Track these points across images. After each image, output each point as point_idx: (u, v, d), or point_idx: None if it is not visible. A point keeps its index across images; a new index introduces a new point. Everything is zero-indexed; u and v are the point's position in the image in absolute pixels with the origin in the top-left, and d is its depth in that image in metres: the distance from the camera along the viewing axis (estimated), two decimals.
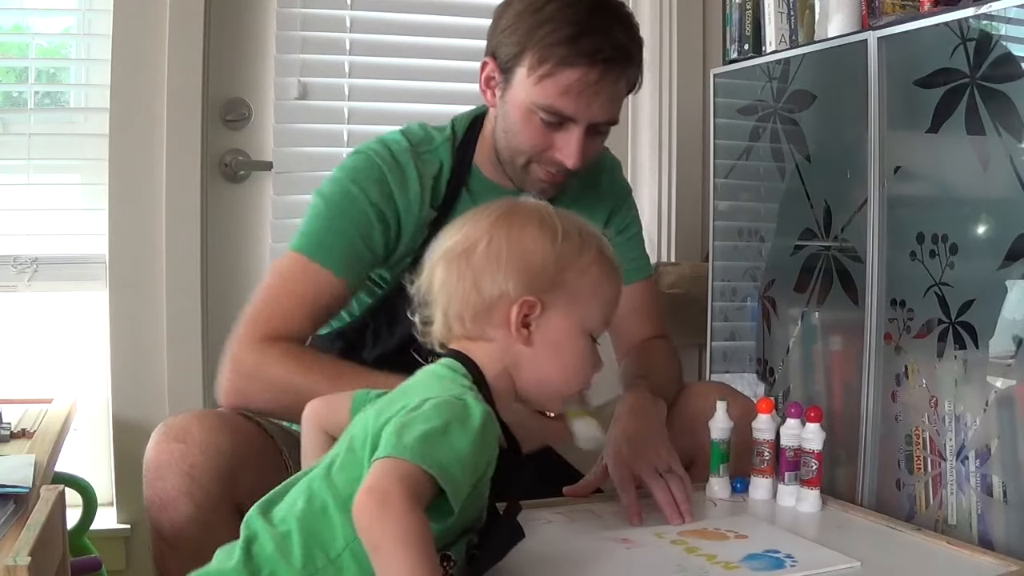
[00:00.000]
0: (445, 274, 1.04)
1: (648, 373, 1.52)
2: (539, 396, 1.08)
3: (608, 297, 1.08)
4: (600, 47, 1.35)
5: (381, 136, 1.52)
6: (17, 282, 2.03)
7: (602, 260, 1.07)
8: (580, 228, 1.07)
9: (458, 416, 0.92)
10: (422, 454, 0.88)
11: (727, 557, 1.14)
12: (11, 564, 0.94)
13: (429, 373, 1.04)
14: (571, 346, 1.05)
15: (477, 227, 1.04)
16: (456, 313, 1.03)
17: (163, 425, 1.28)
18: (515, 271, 1.02)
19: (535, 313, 1.02)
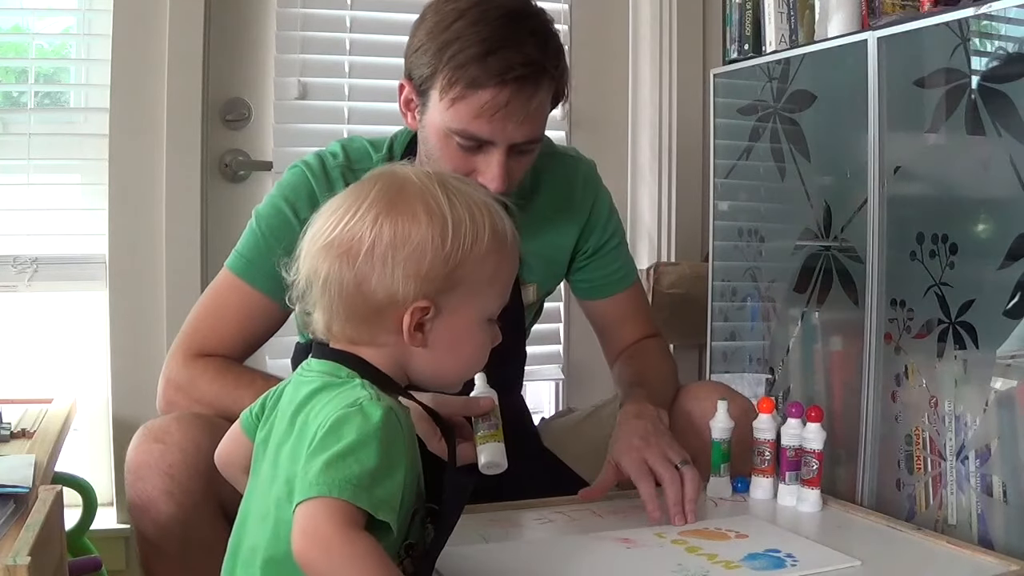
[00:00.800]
0: (327, 272, 0.95)
1: (643, 381, 1.51)
2: (434, 385, 1.03)
3: (506, 279, 1.01)
4: (509, 65, 1.27)
5: (321, 149, 1.49)
6: (17, 282, 2.03)
7: (496, 245, 0.98)
8: (471, 209, 0.97)
9: (356, 427, 0.88)
10: (329, 484, 0.85)
11: (728, 556, 1.15)
12: (11, 564, 0.94)
13: (311, 384, 0.96)
14: (469, 340, 1.00)
15: (358, 221, 0.94)
16: (342, 316, 0.96)
17: (144, 427, 1.29)
18: (403, 276, 0.93)
19: (429, 316, 0.95)
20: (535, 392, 2.40)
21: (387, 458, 0.88)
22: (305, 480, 0.87)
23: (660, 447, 1.32)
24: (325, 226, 0.96)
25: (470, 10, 1.31)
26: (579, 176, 1.58)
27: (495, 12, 1.30)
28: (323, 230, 0.96)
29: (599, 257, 1.59)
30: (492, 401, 1.27)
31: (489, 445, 1.25)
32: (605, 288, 1.61)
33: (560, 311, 2.37)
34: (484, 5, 1.31)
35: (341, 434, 0.88)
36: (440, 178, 0.99)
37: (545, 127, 1.39)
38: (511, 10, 1.32)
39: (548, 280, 1.61)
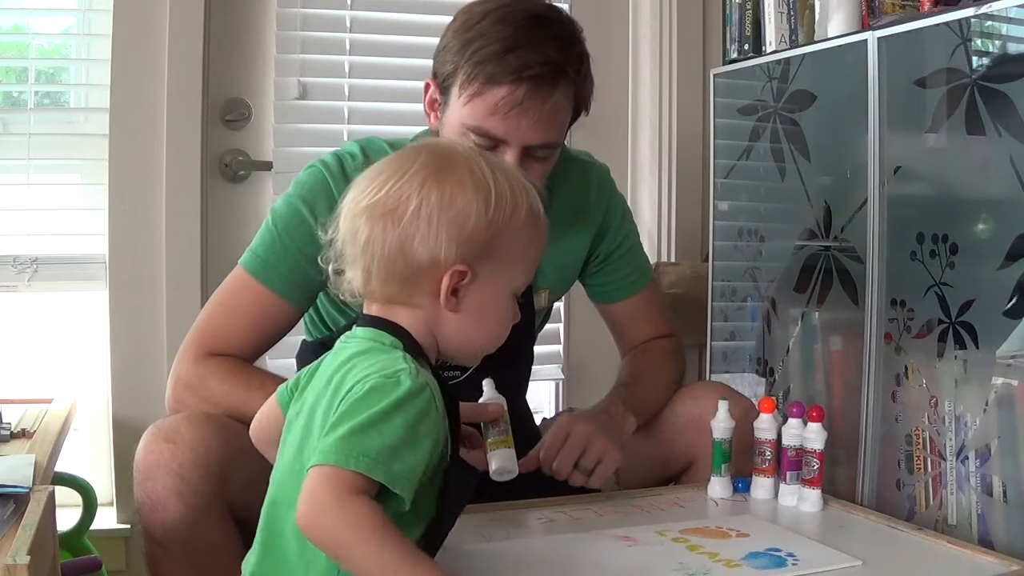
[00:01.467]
0: (369, 232, 0.97)
1: (634, 381, 1.52)
2: (460, 355, 1.06)
3: (535, 257, 1.05)
4: (527, 63, 1.28)
5: (339, 148, 1.49)
6: (17, 282, 2.03)
7: (532, 220, 1.02)
8: (512, 183, 1.01)
9: (388, 398, 0.90)
10: (347, 454, 0.87)
11: (729, 555, 1.15)
12: (11, 563, 0.94)
13: (359, 350, 0.98)
14: (496, 310, 1.03)
15: (406, 184, 0.97)
16: (380, 276, 0.98)
17: (153, 426, 1.28)
18: (448, 238, 0.96)
19: (465, 281, 0.98)
20: (535, 392, 2.40)
21: (412, 432, 0.90)
22: (324, 444, 0.88)
23: (595, 438, 1.33)
24: (369, 188, 0.99)
25: (496, 11, 1.32)
26: (593, 181, 1.58)
27: (521, 14, 1.32)
28: (367, 192, 0.98)
29: (612, 261, 1.59)
30: (501, 407, 1.28)
31: (500, 451, 1.25)
32: (619, 291, 1.61)
33: (560, 311, 2.37)
34: (511, 7, 1.32)
35: (371, 402, 0.90)
36: (484, 152, 1.04)
37: (563, 134, 1.39)
38: (537, 14, 1.33)
39: (561, 285, 1.62)
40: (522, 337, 1.58)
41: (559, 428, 1.34)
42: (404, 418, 0.89)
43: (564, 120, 1.37)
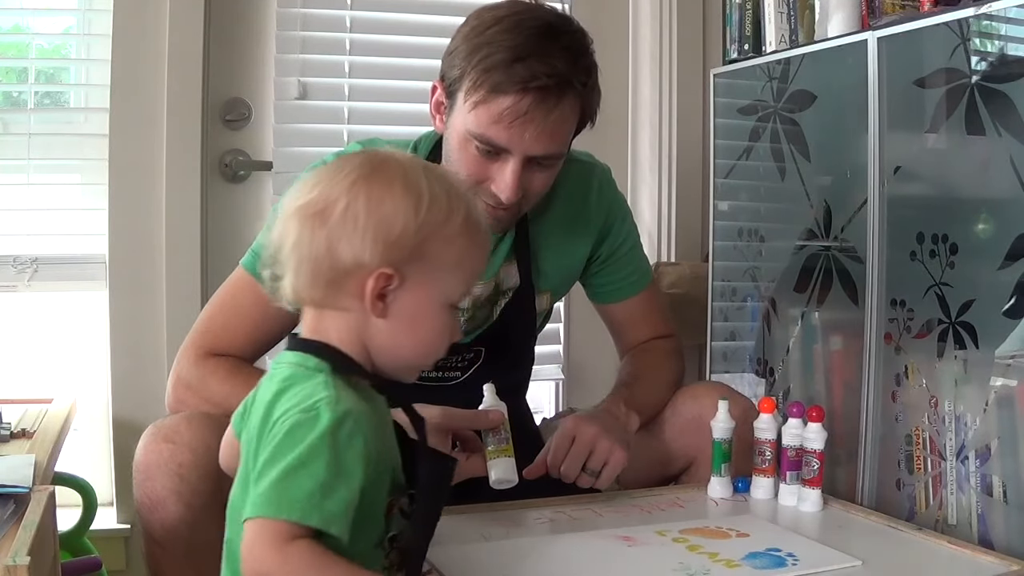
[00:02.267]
0: (298, 233, 0.95)
1: (634, 381, 1.52)
2: (391, 368, 1.00)
3: (473, 267, 1.01)
4: (534, 74, 1.27)
5: (342, 149, 1.48)
6: (17, 282, 2.03)
7: (469, 229, 0.98)
8: (449, 190, 0.98)
9: (310, 435, 0.87)
10: (277, 504, 0.85)
11: (729, 555, 1.15)
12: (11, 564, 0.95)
13: (284, 376, 0.95)
14: (429, 320, 0.98)
15: (335, 185, 0.95)
16: (307, 278, 0.95)
17: (153, 426, 1.29)
18: (373, 240, 0.93)
19: (392, 285, 0.95)
20: (535, 392, 2.40)
21: (340, 465, 0.88)
22: (255, 494, 0.87)
23: (601, 439, 1.32)
24: (302, 190, 0.97)
25: (508, 18, 1.31)
26: (594, 182, 1.58)
27: (531, 23, 1.30)
28: (299, 194, 0.96)
29: (613, 262, 1.59)
30: (502, 415, 1.28)
31: (500, 460, 1.26)
32: (619, 292, 1.61)
33: (560, 311, 2.37)
34: (523, 15, 1.31)
35: (294, 442, 0.87)
36: (425, 163, 1.00)
37: (567, 144, 1.38)
38: (548, 23, 1.32)
39: (562, 287, 1.62)
40: (523, 337, 1.58)
41: (564, 431, 1.34)
42: (329, 453, 0.87)
43: (568, 131, 1.36)
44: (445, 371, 1.52)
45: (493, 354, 1.54)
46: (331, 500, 0.87)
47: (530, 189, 1.37)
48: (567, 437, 1.33)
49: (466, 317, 1.51)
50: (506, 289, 1.53)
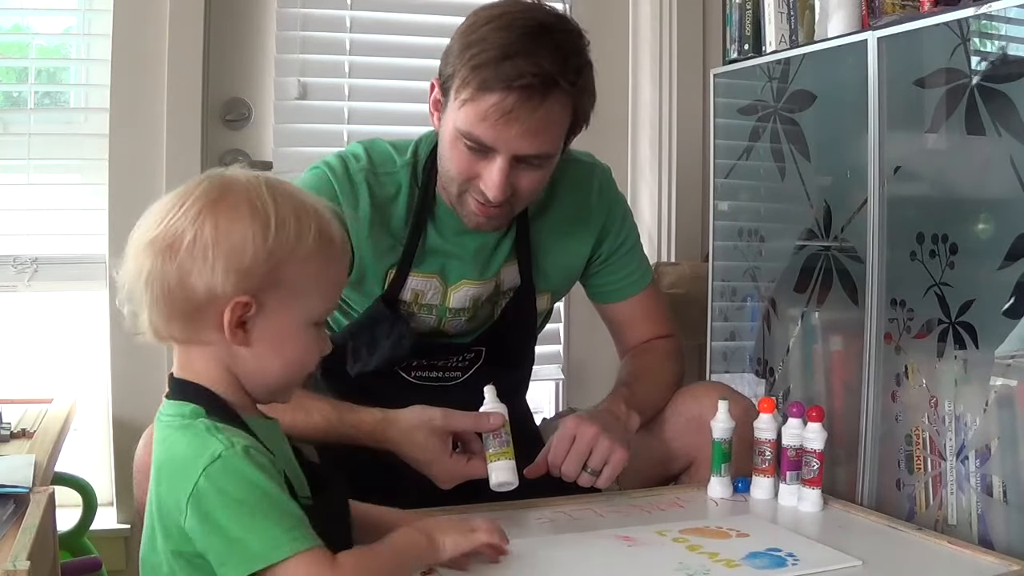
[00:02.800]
0: (150, 267, 0.93)
1: (634, 381, 1.52)
2: (263, 392, 1.00)
3: (331, 282, 1.00)
4: (519, 73, 1.26)
5: (344, 150, 1.49)
6: (17, 282, 2.03)
7: (322, 247, 0.96)
8: (297, 209, 0.96)
9: (236, 482, 0.88)
10: (278, 545, 0.87)
11: (729, 555, 1.15)
12: (11, 568, 0.94)
13: (165, 435, 0.95)
14: (293, 342, 0.97)
15: (181, 216, 0.93)
16: (164, 314, 0.94)
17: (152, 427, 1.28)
18: (224, 270, 0.91)
19: (250, 313, 0.93)
20: (535, 392, 2.40)
21: (278, 490, 0.90)
22: (244, 554, 0.87)
23: (601, 438, 1.32)
24: (149, 223, 0.95)
25: (501, 17, 1.31)
26: (595, 182, 1.58)
27: (523, 22, 1.30)
28: (146, 227, 0.95)
29: (613, 262, 1.59)
30: (502, 417, 1.28)
31: (501, 463, 1.26)
32: (618, 292, 1.61)
33: (560, 311, 2.37)
34: (515, 15, 1.31)
35: (228, 508, 0.88)
36: (269, 180, 0.98)
37: (558, 145, 1.37)
38: (540, 23, 1.31)
39: (563, 287, 1.62)
40: (523, 338, 1.58)
41: (565, 430, 1.34)
42: (269, 487, 0.89)
43: (558, 132, 1.35)
44: (446, 371, 1.53)
45: (493, 354, 1.54)
46: (297, 519, 0.90)
47: (519, 188, 1.37)
48: (567, 437, 1.33)
49: (467, 317, 1.51)
50: (507, 289, 1.53)
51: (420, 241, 1.46)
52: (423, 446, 1.30)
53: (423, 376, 1.52)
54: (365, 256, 1.44)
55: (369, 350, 1.48)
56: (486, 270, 1.50)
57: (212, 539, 0.88)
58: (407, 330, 1.46)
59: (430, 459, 1.31)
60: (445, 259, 1.47)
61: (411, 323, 1.48)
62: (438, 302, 1.49)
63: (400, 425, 1.32)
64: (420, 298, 1.48)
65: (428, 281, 1.47)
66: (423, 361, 1.51)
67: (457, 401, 1.36)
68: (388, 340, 1.46)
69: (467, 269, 1.48)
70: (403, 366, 1.50)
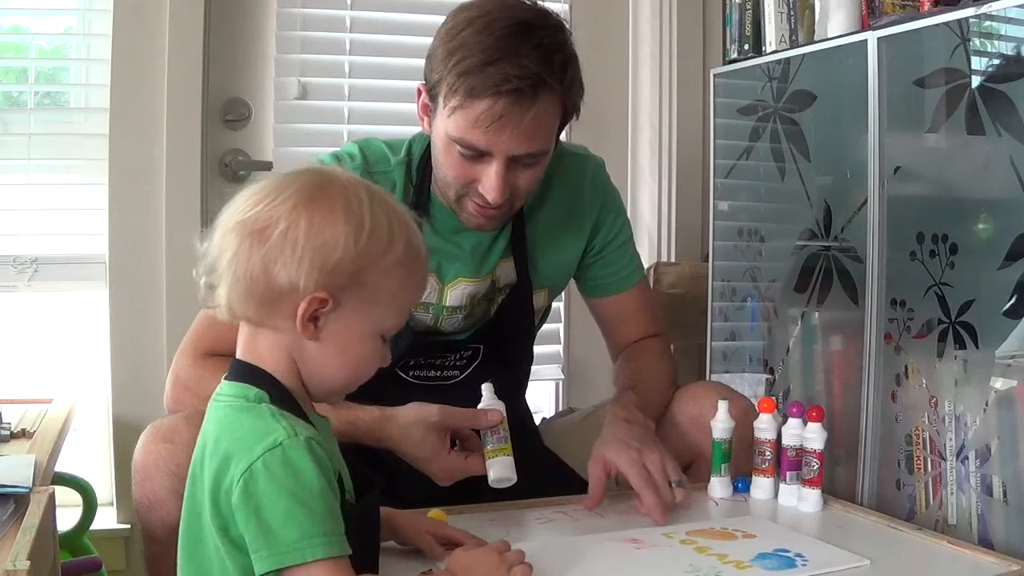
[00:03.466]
0: (236, 248, 0.94)
1: (636, 384, 1.52)
2: (318, 388, 1.00)
3: (407, 300, 1.01)
4: (506, 78, 1.26)
5: (338, 149, 1.49)
6: (17, 282, 2.03)
7: (408, 260, 0.98)
8: (391, 219, 0.97)
9: (290, 473, 0.89)
10: (311, 546, 0.88)
11: (738, 556, 1.15)
12: (11, 568, 0.94)
13: (226, 414, 0.96)
14: (359, 348, 0.99)
15: (277, 205, 0.94)
16: (242, 294, 0.95)
17: (152, 426, 1.29)
18: (310, 265, 0.93)
19: (326, 309, 0.95)
20: (535, 392, 2.40)
21: (324, 491, 0.90)
22: (284, 546, 0.88)
23: (659, 457, 1.32)
24: (244, 205, 0.96)
25: (480, 19, 1.31)
26: (588, 175, 1.58)
27: (502, 23, 1.29)
28: (241, 208, 0.96)
29: (605, 255, 1.59)
30: (501, 414, 1.28)
31: (499, 459, 1.26)
32: (610, 286, 1.61)
33: (560, 311, 2.37)
34: (494, 15, 1.31)
35: (283, 487, 0.89)
36: (369, 185, 0.99)
37: (551, 141, 1.37)
38: (520, 21, 1.30)
39: (558, 282, 1.62)
40: (521, 335, 1.58)
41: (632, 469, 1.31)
42: (311, 486, 0.89)
43: (550, 129, 1.35)
44: (443, 370, 1.53)
45: (491, 352, 1.54)
46: (336, 522, 0.90)
47: (518, 187, 1.37)
48: (647, 480, 1.31)
49: (464, 315, 1.51)
50: (503, 286, 1.53)
51: None
52: (421, 442, 1.30)
53: (421, 375, 1.52)
54: None
55: None
56: (482, 267, 1.50)
57: (251, 523, 0.88)
58: (404, 329, 1.46)
59: (428, 455, 1.30)
60: (441, 257, 1.47)
61: (408, 322, 1.48)
62: (434, 300, 1.49)
63: (398, 422, 1.32)
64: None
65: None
66: (420, 360, 1.51)
67: (456, 400, 1.36)
68: None
69: (463, 267, 1.48)
70: (400, 365, 1.50)
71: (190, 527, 0.96)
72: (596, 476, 1.34)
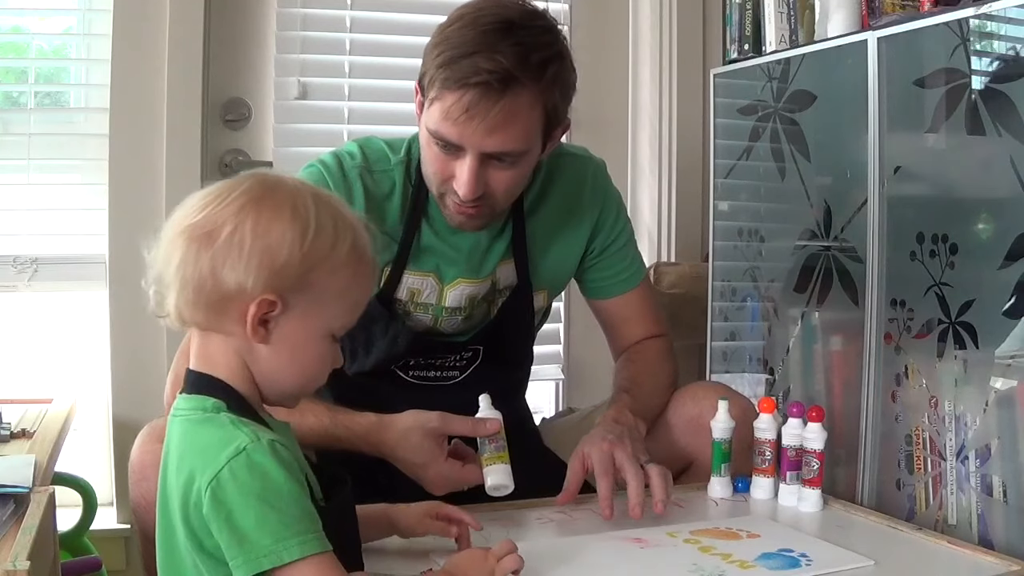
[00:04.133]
0: (184, 253, 0.94)
1: (633, 386, 1.51)
2: (271, 392, 1.00)
3: (355, 300, 1.00)
4: (476, 70, 1.27)
5: (339, 148, 1.50)
6: (17, 282, 2.03)
7: (354, 259, 0.97)
8: (336, 219, 0.97)
9: (257, 477, 0.88)
10: (287, 547, 0.87)
11: (742, 556, 1.15)
12: (11, 568, 0.94)
13: (186, 429, 0.96)
14: (310, 349, 0.98)
15: (223, 208, 0.94)
16: (191, 299, 0.94)
17: (148, 426, 1.29)
18: (257, 267, 0.92)
19: (275, 312, 0.94)
20: (535, 392, 2.40)
21: (293, 489, 0.90)
22: (262, 549, 0.87)
23: (632, 450, 1.32)
24: (190, 210, 0.96)
25: (468, 15, 1.31)
26: (588, 176, 1.58)
27: (488, 19, 1.30)
28: (187, 214, 0.96)
29: (606, 257, 1.59)
30: (498, 423, 1.28)
31: (496, 467, 1.26)
32: (612, 287, 1.61)
33: (560, 311, 2.37)
34: (483, 12, 1.31)
35: (252, 489, 0.88)
36: (315, 189, 1.00)
37: (528, 142, 1.35)
38: (505, 19, 1.30)
39: (558, 283, 1.62)
40: (521, 336, 1.58)
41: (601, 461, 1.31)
42: (282, 487, 0.89)
43: (524, 128, 1.33)
44: (443, 371, 1.53)
45: (491, 353, 1.54)
46: (312, 520, 0.90)
47: (493, 187, 1.37)
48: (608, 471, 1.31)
49: (463, 316, 1.51)
50: (503, 287, 1.53)
51: (415, 239, 1.46)
52: (418, 448, 1.30)
53: (420, 376, 1.52)
54: None
55: (365, 349, 1.48)
56: (482, 269, 1.50)
57: (224, 532, 0.88)
58: (402, 328, 1.46)
59: (425, 461, 1.30)
60: (440, 257, 1.47)
61: (407, 322, 1.48)
62: (434, 301, 1.49)
63: (396, 427, 1.32)
64: (416, 296, 1.48)
65: (424, 279, 1.47)
66: (420, 360, 1.51)
67: (455, 400, 1.36)
68: (384, 339, 1.46)
69: (462, 268, 1.48)
70: (400, 365, 1.50)
71: (166, 544, 0.96)
72: (573, 471, 1.35)
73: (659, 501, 1.27)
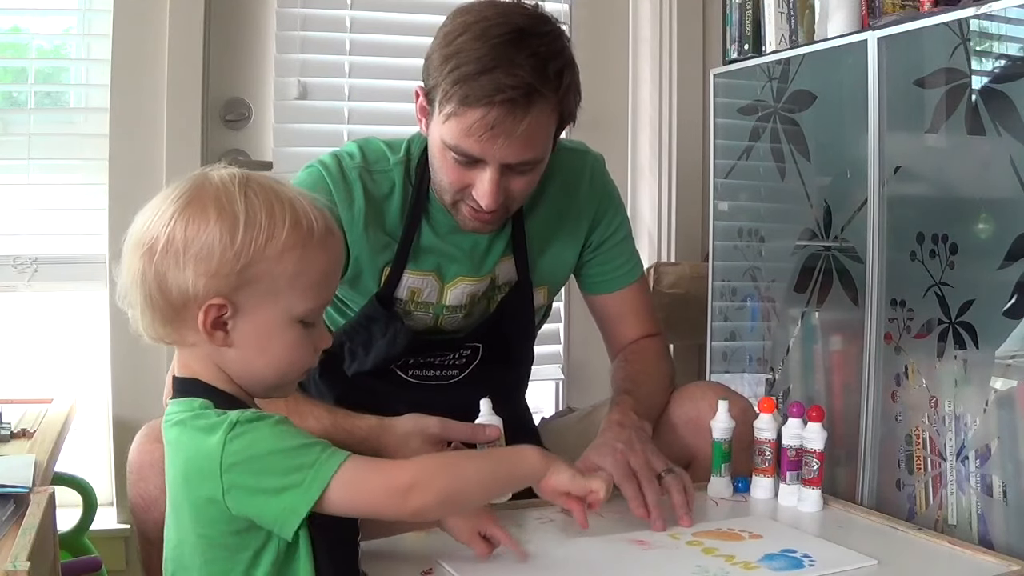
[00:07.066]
0: (135, 270, 0.95)
1: (633, 387, 1.51)
2: (255, 388, 1.00)
3: (314, 279, 0.97)
4: (499, 87, 1.25)
5: (338, 149, 1.50)
6: (17, 282, 2.03)
7: (298, 241, 0.95)
8: (269, 206, 0.94)
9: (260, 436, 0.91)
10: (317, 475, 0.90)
11: (745, 557, 1.15)
12: (10, 569, 0.94)
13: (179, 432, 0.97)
14: (278, 340, 0.96)
15: (158, 219, 0.94)
16: (148, 316, 0.95)
17: (146, 427, 1.29)
18: (195, 272, 0.92)
19: (227, 314, 0.94)
20: (535, 392, 2.39)
21: (297, 429, 0.94)
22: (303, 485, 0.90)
23: (644, 454, 1.32)
24: (137, 225, 0.97)
25: (476, 24, 1.30)
26: (586, 171, 1.58)
27: (497, 30, 1.28)
28: (134, 229, 0.97)
29: (604, 251, 1.59)
30: (498, 430, 1.28)
31: None
32: (609, 283, 1.61)
33: (560, 311, 2.37)
34: (490, 21, 1.30)
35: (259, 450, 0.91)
36: (244, 177, 0.97)
37: (546, 148, 1.37)
38: (515, 28, 1.29)
39: (558, 280, 1.62)
40: (521, 334, 1.58)
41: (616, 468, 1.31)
42: (281, 429, 0.92)
43: (544, 136, 1.35)
44: (443, 370, 1.53)
45: (491, 351, 1.53)
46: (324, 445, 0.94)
47: (512, 192, 1.37)
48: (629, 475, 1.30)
49: (464, 314, 1.51)
50: (502, 284, 1.53)
51: (415, 238, 1.46)
52: (418, 453, 1.30)
53: (420, 375, 1.52)
54: (361, 254, 1.44)
55: (365, 349, 1.48)
56: (482, 267, 1.50)
57: (257, 498, 0.90)
58: (402, 328, 1.46)
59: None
60: (440, 256, 1.47)
61: (407, 321, 1.48)
62: (435, 300, 1.49)
63: (395, 432, 1.32)
64: (417, 296, 1.48)
65: (424, 279, 1.48)
66: (420, 359, 1.51)
67: (455, 399, 1.36)
68: (383, 339, 1.46)
69: (463, 266, 1.48)
70: (399, 365, 1.50)
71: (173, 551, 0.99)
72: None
73: (684, 516, 1.27)
